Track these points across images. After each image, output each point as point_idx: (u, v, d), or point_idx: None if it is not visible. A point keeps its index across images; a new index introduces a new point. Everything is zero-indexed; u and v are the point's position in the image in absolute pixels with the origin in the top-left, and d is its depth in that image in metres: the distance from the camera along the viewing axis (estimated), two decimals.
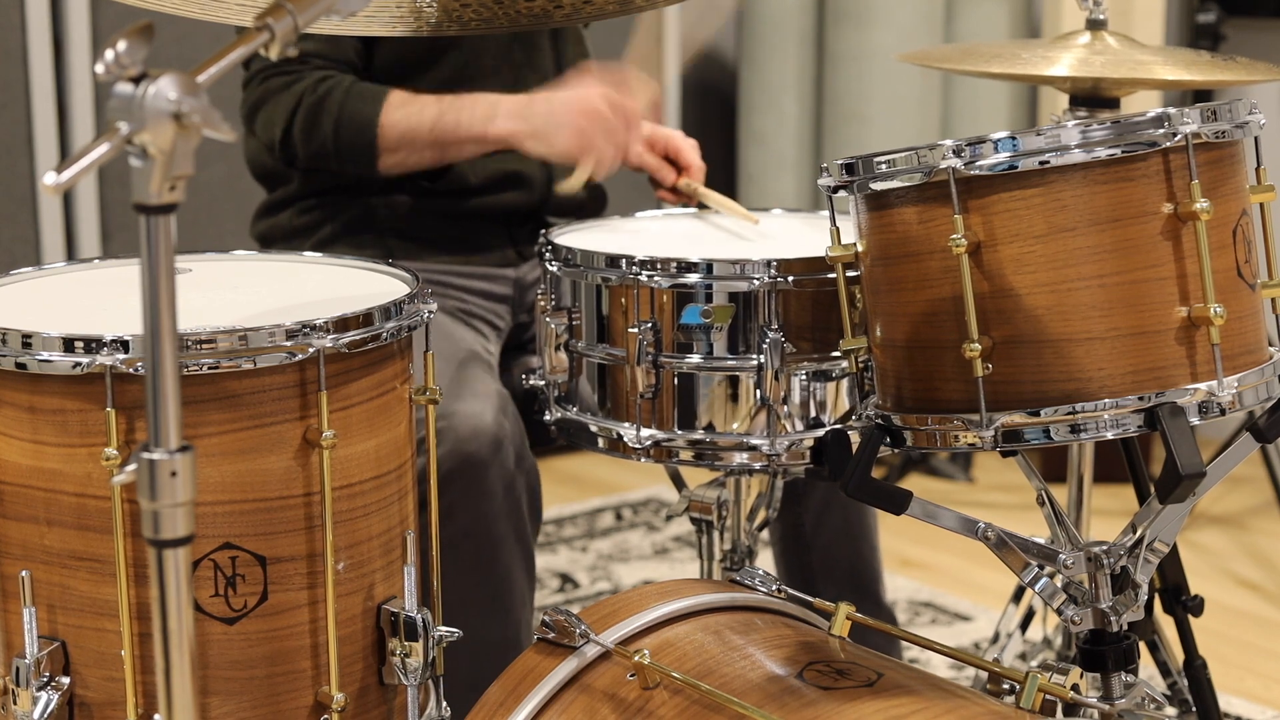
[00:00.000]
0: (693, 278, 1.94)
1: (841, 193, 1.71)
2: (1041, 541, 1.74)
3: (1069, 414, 1.60)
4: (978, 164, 1.60)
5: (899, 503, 1.69)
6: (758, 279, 1.92)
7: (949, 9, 4.11)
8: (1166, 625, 2.32)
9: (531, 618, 2.23)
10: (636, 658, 1.58)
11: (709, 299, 1.94)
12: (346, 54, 2.30)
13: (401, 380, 1.74)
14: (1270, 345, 1.70)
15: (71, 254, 3.38)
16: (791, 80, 4.10)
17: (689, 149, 2.42)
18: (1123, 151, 1.58)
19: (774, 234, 2.24)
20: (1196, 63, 2.22)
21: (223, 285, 1.84)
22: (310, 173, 2.39)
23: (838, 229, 1.77)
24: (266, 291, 1.84)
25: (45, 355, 1.57)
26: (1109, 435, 1.61)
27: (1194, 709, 2.26)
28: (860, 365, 1.76)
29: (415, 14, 1.89)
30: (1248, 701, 2.80)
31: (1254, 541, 3.58)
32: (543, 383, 2.10)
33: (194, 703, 1.25)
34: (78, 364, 1.55)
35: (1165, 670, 2.32)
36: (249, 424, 1.60)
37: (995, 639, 2.49)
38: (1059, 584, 1.76)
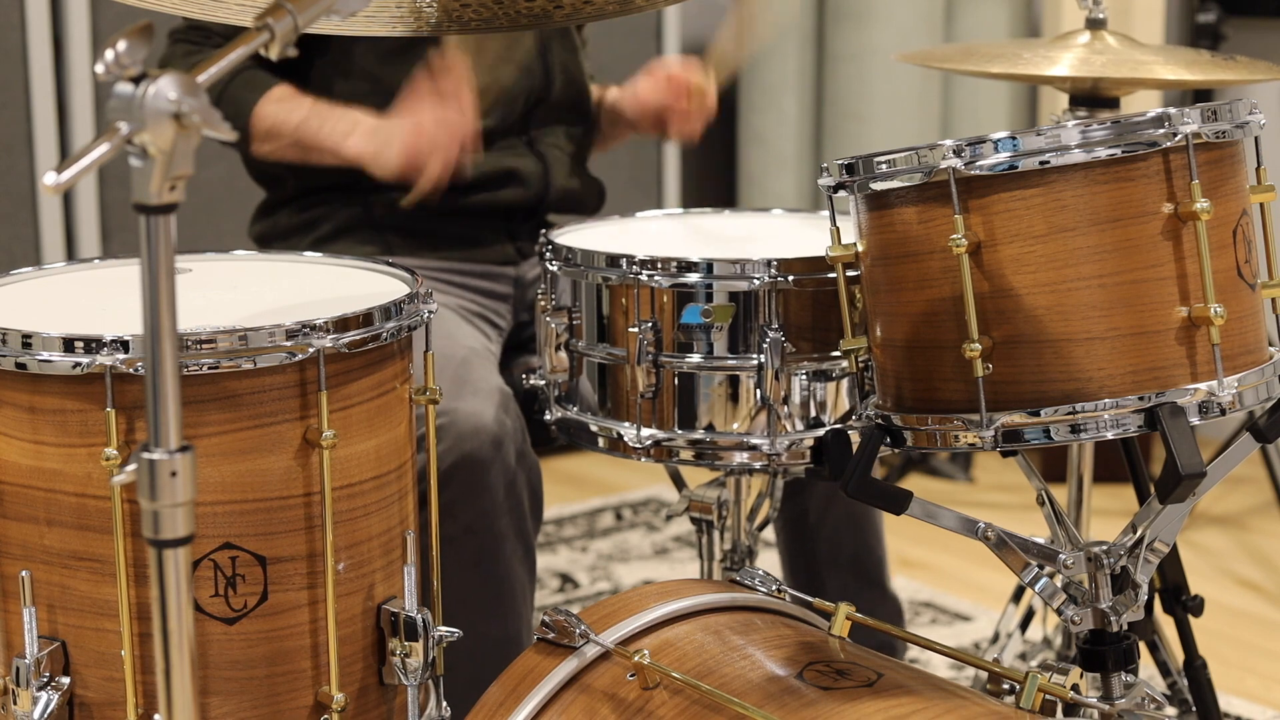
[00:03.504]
0: (693, 277, 1.94)
1: (841, 192, 1.71)
2: (1041, 541, 1.74)
3: (1069, 414, 1.60)
4: (978, 164, 1.60)
5: (899, 503, 1.69)
6: (758, 278, 1.92)
7: (949, 9, 4.11)
8: (1166, 625, 2.32)
9: (532, 616, 2.23)
10: (636, 658, 1.58)
11: (709, 298, 1.94)
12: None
13: (401, 380, 1.74)
14: (1270, 345, 1.70)
15: (71, 254, 3.38)
16: (791, 80, 4.10)
17: (670, 68, 2.41)
18: (1123, 151, 1.58)
19: (774, 234, 2.24)
20: (1196, 62, 2.22)
21: (223, 285, 1.84)
22: (306, 171, 2.39)
23: (838, 229, 1.77)
24: (266, 291, 1.84)
25: (45, 355, 1.57)
26: (1109, 435, 1.61)
27: (1194, 709, 2.26)
28: (860, 365, 1.76)
29: (415, 14, 1.90)
30: (1248, 701, 2.80)
31: (1254, 541, 3.58)
32: (543, 382, 2.10)
33: (194, 703, 1.25)
34: (78, 364, 1.55)
35: (1165, 670, 2.32)
36: (249, 424, 1.60)
37: (995, 639, 2.49)
38: (1059, 584, 1.76)
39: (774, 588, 1.77)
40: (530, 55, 2.41)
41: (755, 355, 1.93)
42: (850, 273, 1.76)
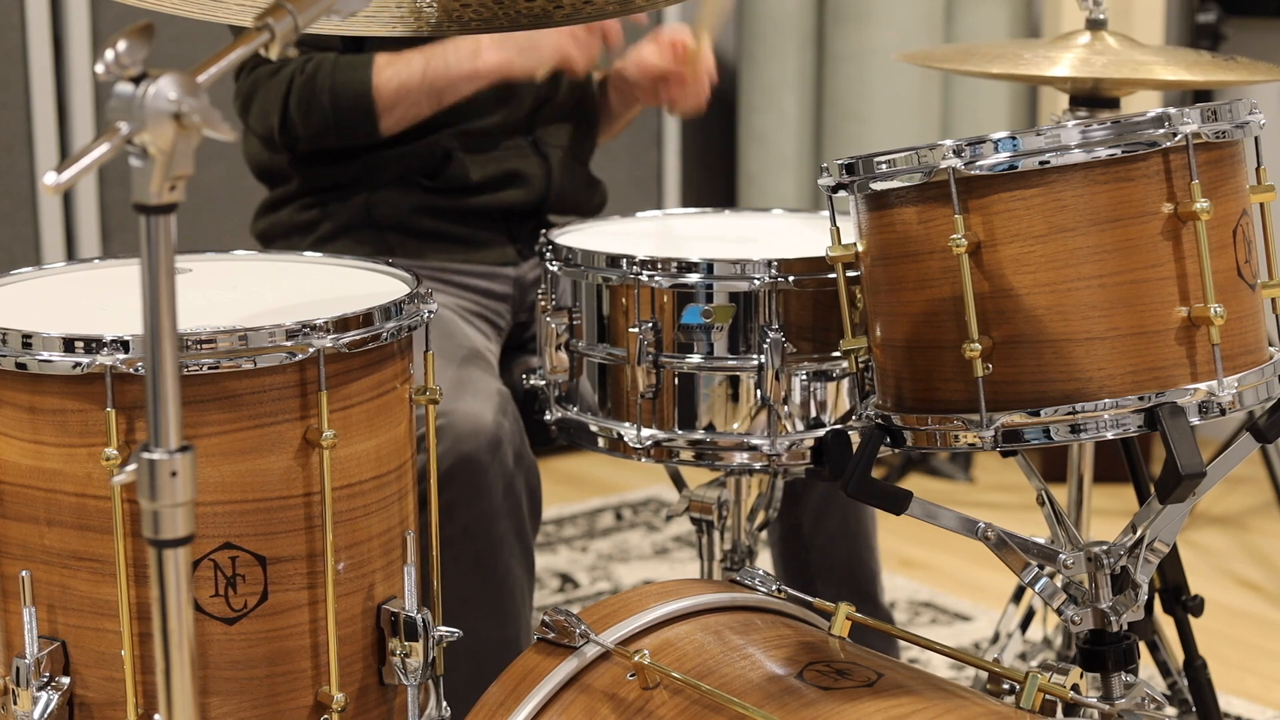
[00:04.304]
0: (693, 277, 1.94)
1: (841, 193, 1.71)
2: (1041, 541, 1.74)
3: (1069, 414, 1.60)
4: (978, 164, 1.60)
5: (899, 503, 1.69)
6: (758, 279, 1.92)
7: (949, 9, 4.11)
8: (1166, 625, 2.32)
9: (531, 617, 2.23)
10: (636, 658, 1.58)
11: (709, 299, 1.94)
12: (332, 42, 2.32)
13: (401, 380, 1.74)
14: (1270, 345, 1.70)
15: (71, 254, 3.38)
16: (791, 80, 4.10)
17: (672, 34, 2.44)
18: (1123, 151, 1.58)
19: (774, 234, 2.24)
20: (1197, 63, 2.22)
21: (223, 285, 1.84)
22: (309, 169, 2.39)
23: (838, 229, 1.77)
24: (267, 291, 1.84)
25: (45, 355, 1.57)
26: (1109, 435, 1.61)
27: (1194, 709, 2.26)
28: (860, 365, 1.76)
29: (415, 14, 1.89)
30: (1248, 701, 2.80)
31: (1254, 541, 3.58)
32: (543, 383, 2.10)
33: (194, 703, 1.25)
34: (78, 364, 1.55)
35: (1165, 670, 2.32)
36: (249, 424, 1.60)
37: (995, 639, 2.49)
38: (1059, 584, 1.76)
39: (774, 588, 1.77)
40: None
41: (755, 355, 1.93)
42: (850, 273, 1.76)
